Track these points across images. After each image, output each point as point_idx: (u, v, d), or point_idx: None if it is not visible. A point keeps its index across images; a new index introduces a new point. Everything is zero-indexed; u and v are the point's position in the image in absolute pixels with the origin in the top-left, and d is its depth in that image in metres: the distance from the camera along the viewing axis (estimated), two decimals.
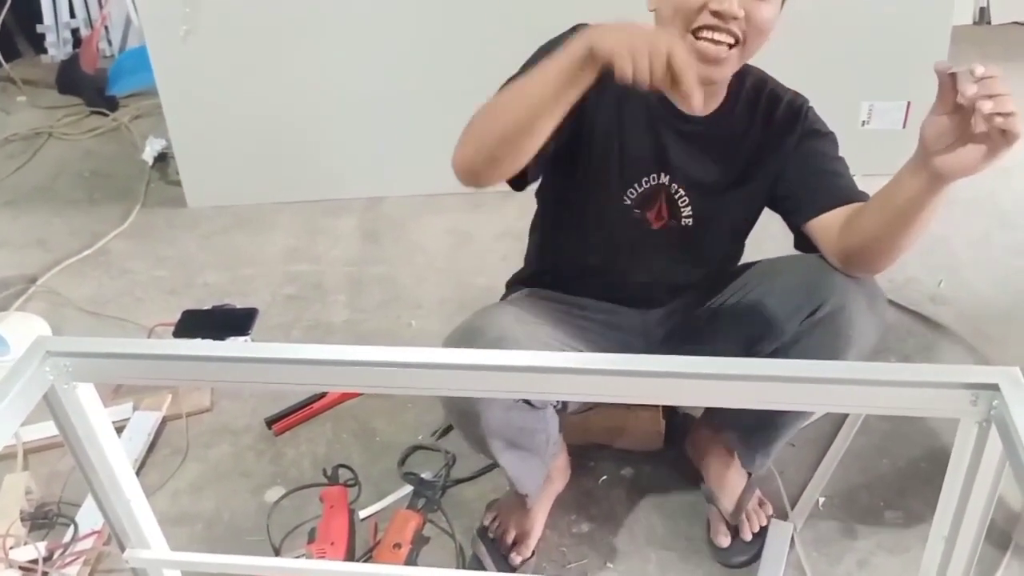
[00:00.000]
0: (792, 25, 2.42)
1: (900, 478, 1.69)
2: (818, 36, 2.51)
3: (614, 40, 1.00)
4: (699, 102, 1.02)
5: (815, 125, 1.37)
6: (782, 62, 1.40)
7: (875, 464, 1.72)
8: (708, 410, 1.61)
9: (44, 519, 1.64)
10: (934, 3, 2.51)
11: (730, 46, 1.20)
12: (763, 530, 1.56)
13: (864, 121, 2.64)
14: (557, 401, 1.40)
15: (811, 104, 1.39)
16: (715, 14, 1.16)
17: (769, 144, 1.36)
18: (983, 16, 3.91)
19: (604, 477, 1.72)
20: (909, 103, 2.62)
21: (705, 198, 1.38)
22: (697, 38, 1.19)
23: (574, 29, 1.29)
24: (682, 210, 1.39)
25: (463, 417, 1.32)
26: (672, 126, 1.34)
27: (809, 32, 2.53)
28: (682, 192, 1.37)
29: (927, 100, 2.90)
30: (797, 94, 1.39)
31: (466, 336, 1.24)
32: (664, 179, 1.36)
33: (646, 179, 1.36)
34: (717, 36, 1.18)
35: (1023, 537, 1.51)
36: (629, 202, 1.37)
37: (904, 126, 2.65)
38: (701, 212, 1.39)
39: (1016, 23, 3.91)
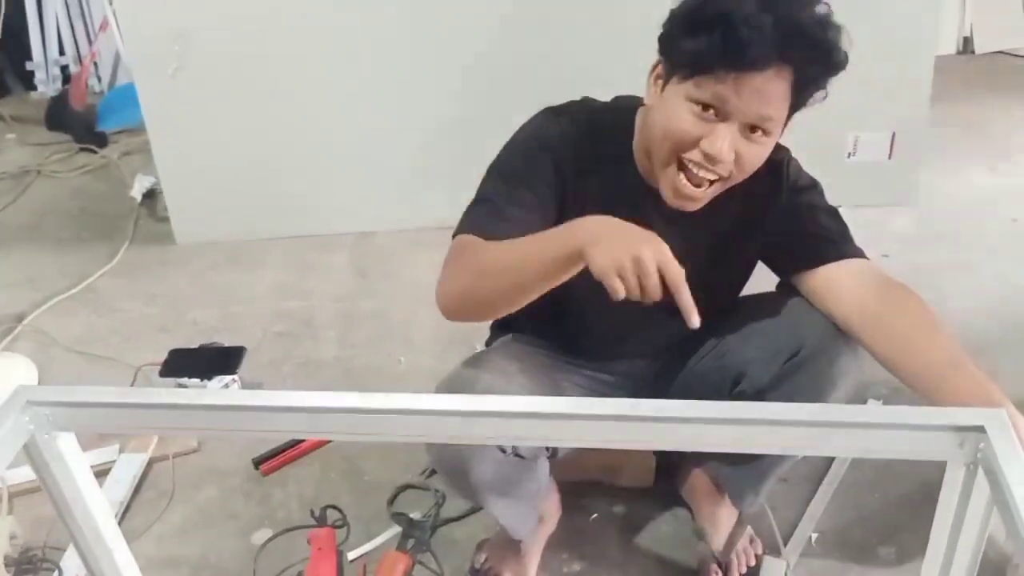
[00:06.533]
0: None
1: (893, 513, 1.68)
2: None
3: (604, 258, 1.00)
4: (697, 322, 1.02)
5: (800, 181, 1.35)
6: None
7: (868, 499, 1.71)
8: None
9: (29, 564, 1.62)
10: (918, 33, 2.54)
11: (711, 182, 1.19)
12: (755, 568, 1.55)
13: (850, 153, 2.66)
14: (548, 449, 1.39)
15: (791, 155, 1.36)
16: (705, 156, 1.15)
17: (754, 212, 1.34)
18: (967, 46, 3.96)
19: (595, 515, 1.70)
20: (894, 134, 2.64)
21: (695, 273, 1.37)
22: (680, 169, 1.18)
23: (543, 112, 1.31)
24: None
25: (453, 475, 1.31)
26: (653, 206, 1.30)
27: None
28: None
29: (912, 130, 2.92)
30: (776, 148, 1.32)
31: (453, 390, 1.23)
32: None
33: None
34: (701, 173, 1.18)
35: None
36: None
37: (890, 157, 2.66)
38: (693, 286, 1.38)
39: (1000, 52, 3.95)
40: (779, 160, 1.34)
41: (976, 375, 1.11)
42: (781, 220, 1.34)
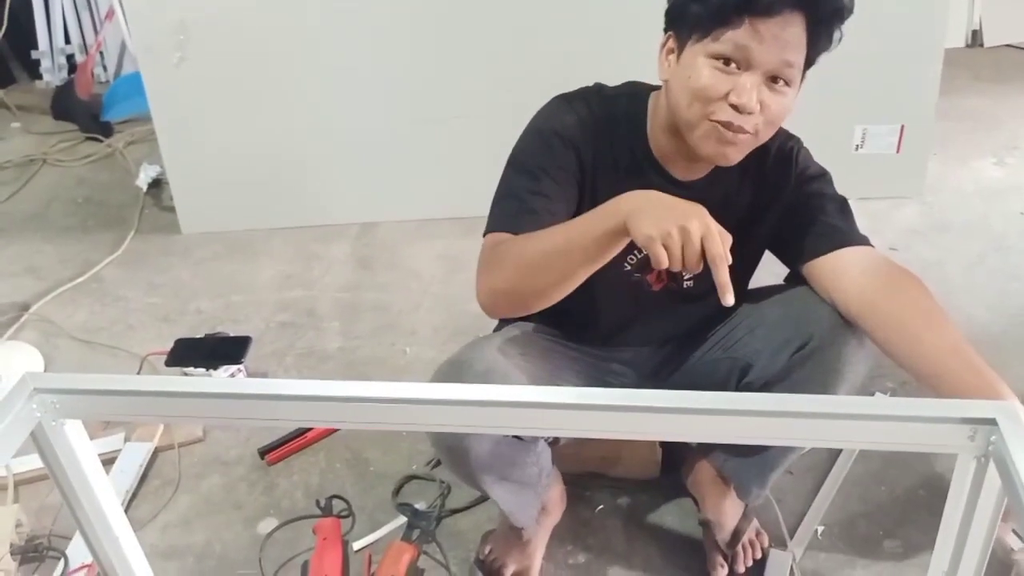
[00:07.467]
0: None
1: (899, 506, 1.67)
2: None
3: (650, 227, 1.02)
4: (731, 301, 1.02)
5: (808, 169, 1.35)
6: None
7: (874, 492, 1.71)
8: None
9: (34, 552, 1.62)
10: (926, 26, 2.52)
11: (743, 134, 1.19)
12: (761, 560, 1.55)
13: (858, 145, 2.64)
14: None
15: (802, 144, 1.36)
16: (733, 107, 1.16)
17: (764, 199, 1.35)
18: (975, 39, 3.94)
19: (600, 507, 1.70)
20: (903, 126, 2.62)
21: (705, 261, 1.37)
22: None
23: (557, 99, 1.32)
24: (683, 273, 1.38)
25: (451, 453, 1.30)
26: (670, 190, 1.31)
27: None
28: None
29: (920, 123, 2.91)
30: (787, 136, 1.36)
31: (453, 370, 1.24)
32: None
33: None
34: (731, 130, 1.18)
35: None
36: (629, 267, 1.37)
37: (898, 150, 2.65)
38: (703, 274, 1.38)
39: (1008, 45, 3.93)
40: (789, 148, 1.35)
41: (979, 363, 1.11)
42: (790, 208, 1.34)
